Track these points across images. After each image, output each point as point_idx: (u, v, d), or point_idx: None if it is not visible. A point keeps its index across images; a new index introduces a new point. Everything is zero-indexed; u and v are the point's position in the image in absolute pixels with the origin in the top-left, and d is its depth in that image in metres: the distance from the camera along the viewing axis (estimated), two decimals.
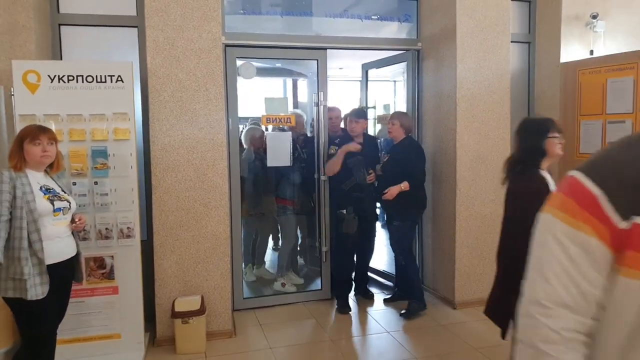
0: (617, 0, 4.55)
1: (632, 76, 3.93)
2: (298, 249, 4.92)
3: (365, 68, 5.00)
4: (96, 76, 3.25)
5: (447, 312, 4.08)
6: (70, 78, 3.22)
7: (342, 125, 4.53)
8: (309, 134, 4.66)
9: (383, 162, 4.20)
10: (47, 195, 2.58)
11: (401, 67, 5.23)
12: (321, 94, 4.12)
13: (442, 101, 4.18)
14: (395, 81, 7.85)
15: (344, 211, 4.08)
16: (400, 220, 4.06)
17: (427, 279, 4.60)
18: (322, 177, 4.17)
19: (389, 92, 7.59)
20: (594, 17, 4.38)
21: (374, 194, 4.19)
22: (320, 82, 4.14)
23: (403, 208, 4.03)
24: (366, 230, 4.27)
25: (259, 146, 4.58)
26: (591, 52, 4.44)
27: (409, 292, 4.13)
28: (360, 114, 4.29)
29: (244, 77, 4.06)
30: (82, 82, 3.24)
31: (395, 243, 4.13)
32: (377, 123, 5.44)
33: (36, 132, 2.57)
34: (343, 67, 7.47)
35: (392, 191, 3.92)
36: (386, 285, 4.80)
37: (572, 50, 4.46)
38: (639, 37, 4.57)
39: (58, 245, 2.60)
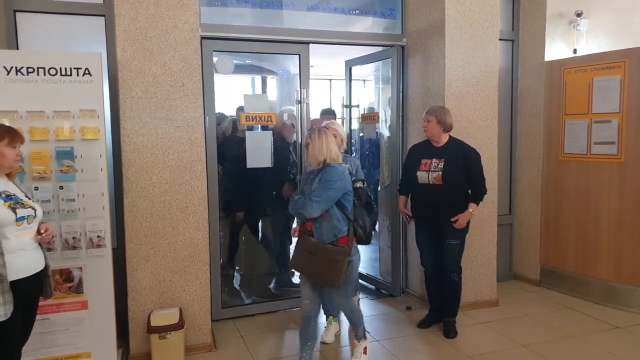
0: None
1: (620, 75, 3.91)
2: None
3: (349, 65, 4.78)
4: (60, 68, 2.93)
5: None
6: (30, 70, 2.89)
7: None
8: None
9: (441, 169, 3.48)
10: (7, 203, 2.29)
11: (372, 66, 5.06)
12: (304, 91, 3.90)
13: (429, 99, 4.04)
14: (365, 80, 7.73)
15: None
16: (458, 237, 3.59)
17: (413, 283, 4.46)
18: None
19: (359, 91, 7.43)
20: (579, 15, 4.34)
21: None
22: (303, 79, 3.91)
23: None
24: None
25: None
26: (575, 51, 4.41)
27: (450, 309, 3.72)
28: None
29: (222, 73, 3.81)
30: (44, 74, 2.91)
31: (452, 262, 3.63)
32: (362, 122, 5.24)
33: (15, 134, 2.34)
34: (314, 65, 7.25)
35: (462, 220, 3.47)
36: (368, 288, 4.67)
37: (555, 49, 4.42)
38: (619, 35, 4.58)
39: (23, 258, 2.31)
